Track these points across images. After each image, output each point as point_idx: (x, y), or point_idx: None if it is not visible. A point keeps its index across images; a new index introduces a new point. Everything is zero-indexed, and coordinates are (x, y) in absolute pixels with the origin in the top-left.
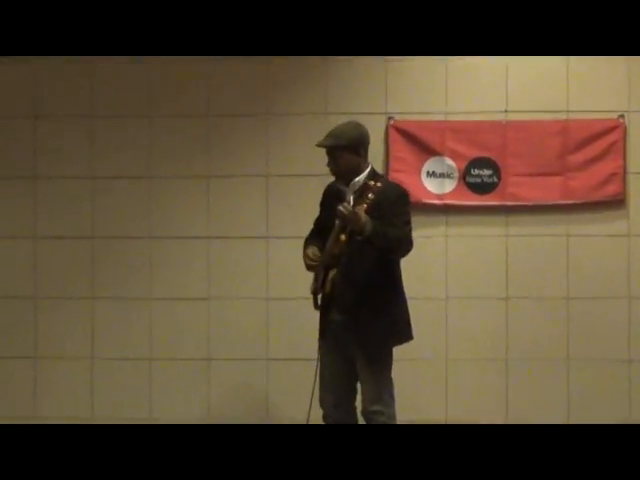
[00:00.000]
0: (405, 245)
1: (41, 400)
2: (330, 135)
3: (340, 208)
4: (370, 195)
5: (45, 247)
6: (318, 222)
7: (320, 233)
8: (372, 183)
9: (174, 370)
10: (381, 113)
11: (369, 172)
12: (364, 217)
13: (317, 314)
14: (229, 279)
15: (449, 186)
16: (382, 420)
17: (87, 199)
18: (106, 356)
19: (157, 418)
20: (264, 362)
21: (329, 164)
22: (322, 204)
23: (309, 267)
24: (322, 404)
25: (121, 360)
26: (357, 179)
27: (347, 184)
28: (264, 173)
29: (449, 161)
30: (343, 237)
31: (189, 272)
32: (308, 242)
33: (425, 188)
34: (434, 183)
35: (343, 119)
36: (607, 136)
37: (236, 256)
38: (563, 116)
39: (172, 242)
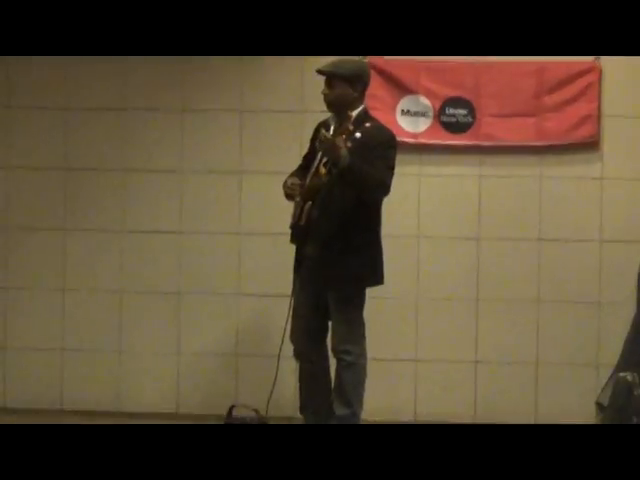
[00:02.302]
0: (380, 188)
1: (12, 329)
2: (331, 63)
3: (319, 136)
4: (357, 134)
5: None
6: (305, 157)
7: (306, 168)
8: (361, 122)
9: (143, 304)
10: None
11: (361, 111)
12: (344, 149)
13: (290, 250)
14: (201, 214)
15: (423, 125)
16: (350, 359)
17: (61, 131)
18: (77, 287)
19: (124, 350)
20: (235, 296)
21: (324, 91)
22: (312, 140)
23: (287, 195)
24: (292, 339)
25: (91, 292)
26: (350, 113)
27: (337, 116)
28: (238, 108)
29: (424, 100)
30: (323, 170)
31: (160, 207)
32: (291, 175)
33: (400, 126)
34: (409, 121)
35: (320, 59)
36: (582, 78)
37: (209, 192)
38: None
39: (144, 174)
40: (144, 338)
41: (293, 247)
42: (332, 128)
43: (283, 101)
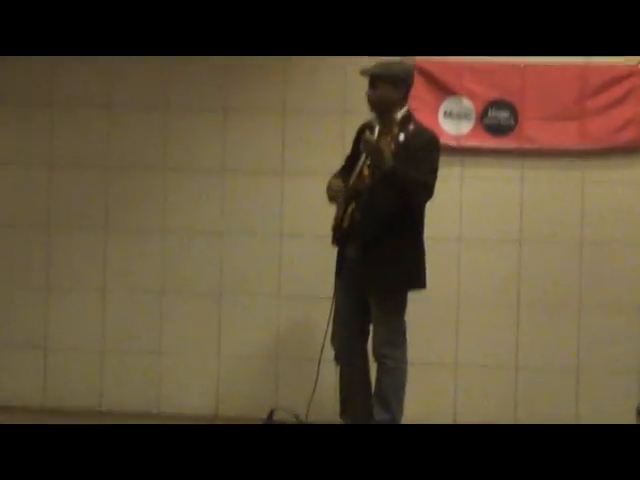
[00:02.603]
0: (424, 191)
1: (53, 329)
2: (377, 64)
3: (364, 138)
4: (401, 136)
5: (61, 175)
6: (348, 159)
7: (349, 170)
8: (405, 124)
9: (185, 304)
10: None
11: (404, 113)
12: (387, 152)
13: (332, 253)
14: (243, 215)
15: (466, 127)
16: (391, 364)
17: (104, 130)
18: (117, 287)
19: (164, 352)
20: (276, 300)
21: (368, 92)
22: (354, 141)
23: (330, 197)
24: (333, 342)
25: (131, 292)
26: (394, 116)
27: (381, 117)
28: (281, 108)
29: (467, 102)
30: (366, 172)
31: (202, 207)
32: (334, 176)
33: (442, 129)
34: (451, 124)
35: (362, 59)
36: (625, 82)
37: (251, 193)
38: (582, 60)
39: (187, 174)
40: (185, 339)
41: (335, 249)
42: (376, 130)
43: (326, 102)
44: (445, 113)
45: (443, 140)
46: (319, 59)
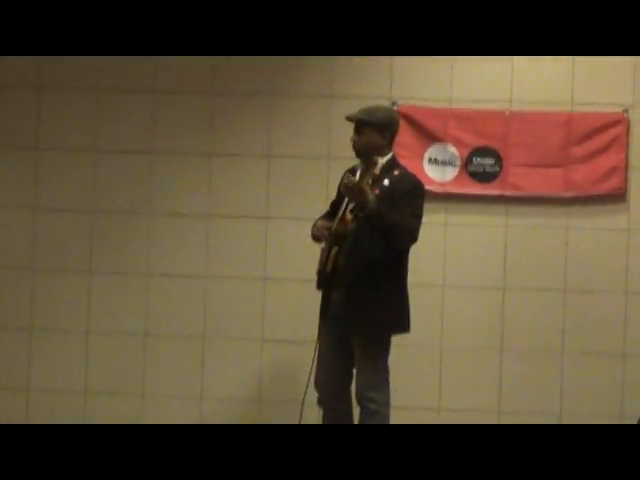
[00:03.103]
0: (407, 235)
1: (35, 371)
2: (362, 110)
3: (345, 180)
4: (385, 181)
5: (45, 219)
6: (333, 205)
7: (333, 216)
8: (390, 170)
9: (167, 348)
10: (385, 97)
11: (389, 159)
12: (370, 195)
13: (315, 297)
14: (227, 258)
15: (450, 174)
16: (374, 408)
17: (89, 171)
18: (101, 329)
19: (147, 394)
20: (259, 343)
21: (353, 138)
22: (339, 187)
23: (314, 237)
24: (316, 386)
25: (115, 334)
26: (378, 164)
27: (365, 163)
28: (267, 153)
29: (452, 148)
30: (349, 216)
31: (186, 250)
32: (320, 218)
33: (427, 175)
34: (436, 170)
35: (347, 102)
36: (610, 130)
37: (235, 236)
38: (567, 108)
39: (171, 218)
40: (167, 382)
41: (318, 294)
42: (358, 173)
43: (310, 147)
44: (430, 160)
45: (428, 186)
46: (303, 103)
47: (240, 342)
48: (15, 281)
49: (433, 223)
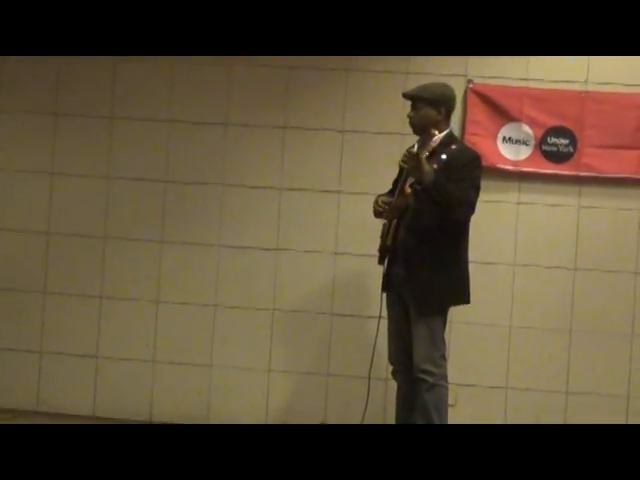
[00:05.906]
0: (465, 206)
1: (104, 339)
2: (418, 87)
3: (403, 153)
4: (443, 156)
5: (118, 188)
6: (395, 182)
7: (394, 192)
8: (447, 145)
9: (237, 318)
10: (461, 75)
11: (447, 134)
12: (427, 167)
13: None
14: (297, 231)
15: (524, 153)
16: (432, 381)
17: (163, 143)
18: (171, 300)
19: (215, 364)
20: (329, 316)
21: (409, 114)
22: (399, 163)
23: (376, 213)
24: (390, 359)
25: (184, 304)
26: (435, 138)
27: (422, 138)
28: (340, 128)
29: (526, 128)
30: (408, 189)
31: (257, 223)
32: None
33: (500, 153)
34: (509, 149)
35: (423, 79)
36: None
37: (307, 209)
38: None
39: (243, 191)
40: (236, 353)
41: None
42: (415, 146)
43: (383, 123)
44: (504, 138)
45: (501, 165)
46: (378, 81)
47: (309, 315)
48: (88, 249)
49: (506, 202)
